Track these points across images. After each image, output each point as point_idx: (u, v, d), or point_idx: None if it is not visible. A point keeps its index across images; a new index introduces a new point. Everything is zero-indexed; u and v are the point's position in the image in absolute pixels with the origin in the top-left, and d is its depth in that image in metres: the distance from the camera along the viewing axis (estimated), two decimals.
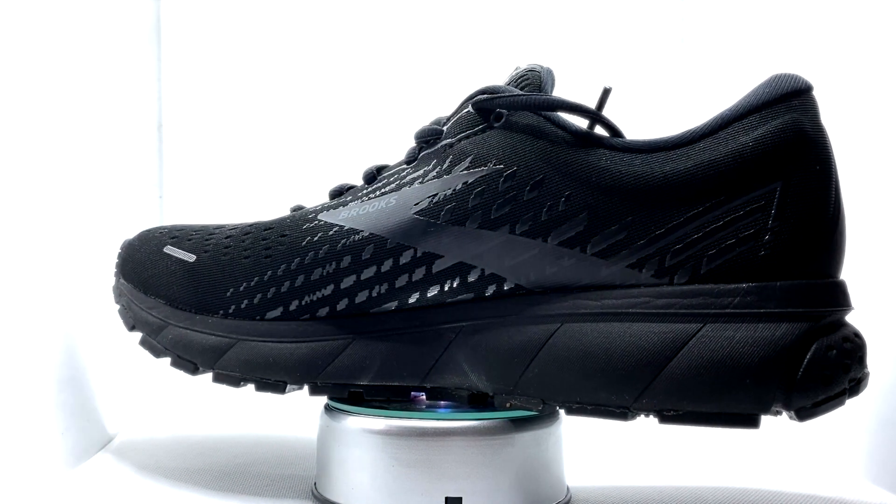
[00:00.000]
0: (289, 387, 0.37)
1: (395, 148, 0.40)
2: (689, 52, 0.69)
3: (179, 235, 0.40)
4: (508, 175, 0.33)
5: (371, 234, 0.35)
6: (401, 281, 0.35)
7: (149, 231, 0.42)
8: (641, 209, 0.32)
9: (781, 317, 0.30)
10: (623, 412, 0.32)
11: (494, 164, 0.34)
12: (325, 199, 0.39)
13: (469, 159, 0.34)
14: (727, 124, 0.31)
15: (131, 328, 0.40)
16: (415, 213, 0.34)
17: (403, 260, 0.35)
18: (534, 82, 0.35)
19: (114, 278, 0.41)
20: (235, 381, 0.37)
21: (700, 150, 0.31)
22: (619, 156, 0.32)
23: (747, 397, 0.30)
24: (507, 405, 0.34)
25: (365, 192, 0.37)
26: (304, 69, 0.70)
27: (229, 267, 0.38)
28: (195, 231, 0.40)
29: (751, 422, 0.31)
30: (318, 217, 0.37)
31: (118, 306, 0.41)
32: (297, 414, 0.46)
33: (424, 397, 0.37)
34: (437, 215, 0.34)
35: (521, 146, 0.33)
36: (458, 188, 0.34)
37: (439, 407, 0.36)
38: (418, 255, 0.34)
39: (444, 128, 0.36)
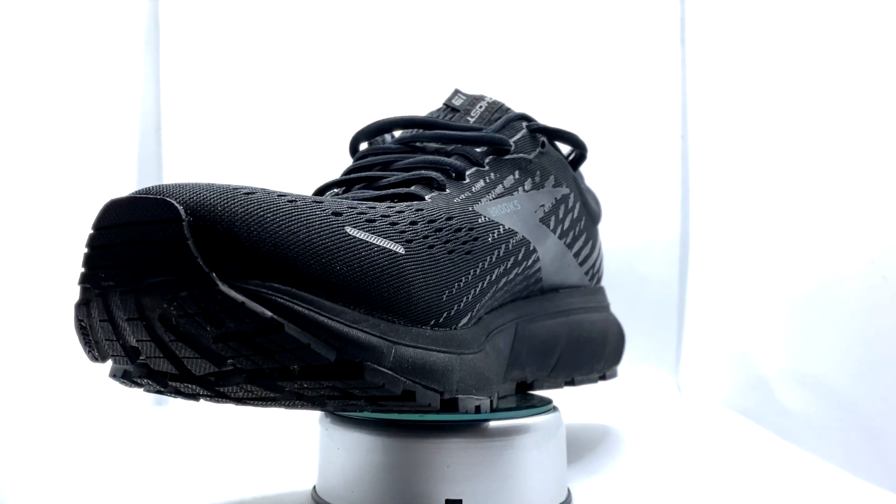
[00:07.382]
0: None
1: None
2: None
3: (345, 212, 0.27)
4: (572, 197, 0.39)
5: (523, 236, 0.35)
6: (514, 281, 0.35)
7: (252, 195, 0.25)
8: (592, 233, 0.43)
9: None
10: (595, 379, 0.44)
11: (565, 187, 0.38)
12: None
13: (552, 178, 0.38)
14: None
15: (338, 355, 0.25)
16: (539, 220, 0.36)
17: (528, 262, 0.36)
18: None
19: (224, 285, 0.23)
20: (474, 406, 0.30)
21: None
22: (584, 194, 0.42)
23: (620, 356, 0.46)
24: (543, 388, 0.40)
25: (475, 190, 0.34)
26: (302, 71, 0.71)
27: (440, 263, 0.29)
28: (351, 207, 0.28)
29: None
30: (474, 209, 0.32)
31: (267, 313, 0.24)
32: (296, 416, 0.46)
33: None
34: (549, 223, 0.37)
35: (567, 174, 0.39)
36: (553, 201, 0.38)
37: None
38: (537, 257, 0.36)
39: (512, 141, 0.36)
